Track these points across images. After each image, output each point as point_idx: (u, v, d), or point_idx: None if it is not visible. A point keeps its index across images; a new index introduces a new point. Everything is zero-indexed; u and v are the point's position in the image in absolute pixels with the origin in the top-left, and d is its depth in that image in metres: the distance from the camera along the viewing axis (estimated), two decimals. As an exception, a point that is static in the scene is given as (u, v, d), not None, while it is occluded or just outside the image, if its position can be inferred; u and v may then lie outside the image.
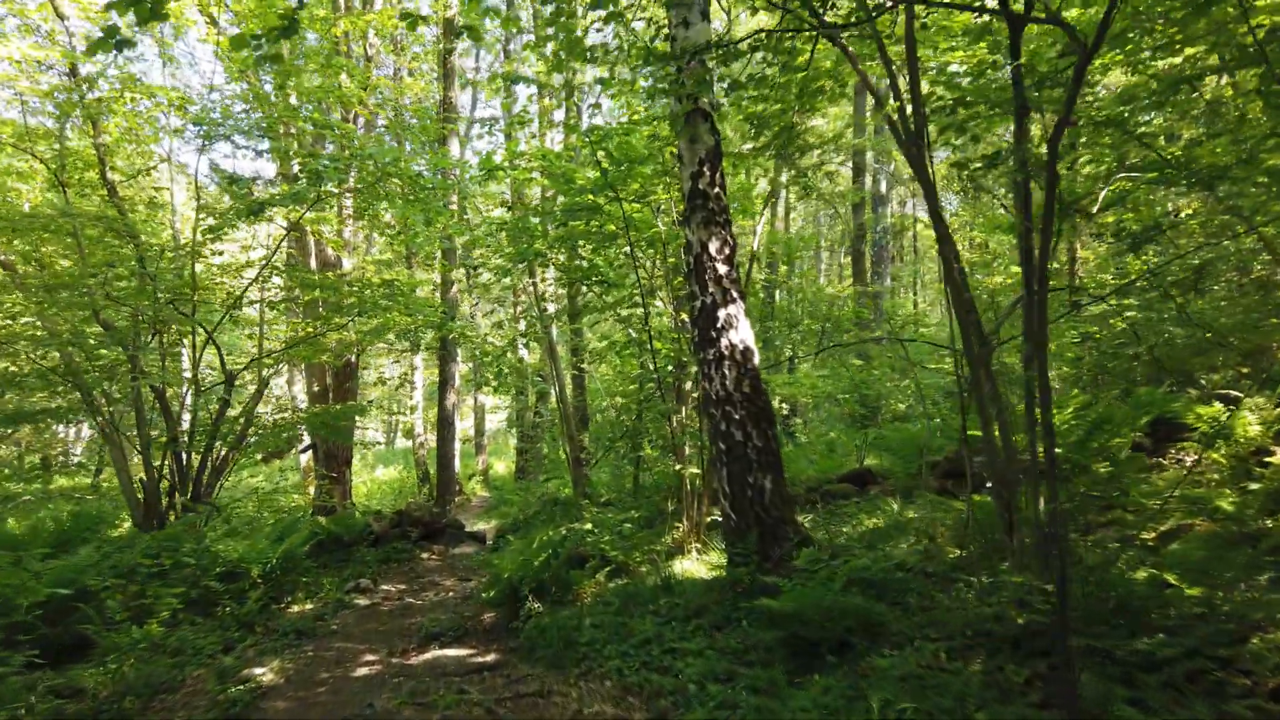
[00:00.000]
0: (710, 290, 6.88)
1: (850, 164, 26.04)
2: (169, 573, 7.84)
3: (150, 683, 6.03)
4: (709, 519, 8.06)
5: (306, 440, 20.77)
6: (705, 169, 7.05)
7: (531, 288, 11.45)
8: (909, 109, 5.35)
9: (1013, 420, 5.30)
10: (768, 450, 6.56)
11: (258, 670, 6.32)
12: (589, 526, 7.77)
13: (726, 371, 6.70)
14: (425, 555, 11.00)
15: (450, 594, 8.94)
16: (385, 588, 9.32)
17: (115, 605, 6.51)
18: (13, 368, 10.53)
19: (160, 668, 6.26)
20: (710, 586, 6.35)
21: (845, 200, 26.60)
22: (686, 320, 8.65)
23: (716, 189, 7.07)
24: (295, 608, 8.42)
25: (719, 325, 6.80)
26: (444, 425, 15.34)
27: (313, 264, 14.58)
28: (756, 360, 6.85)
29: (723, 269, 6.94)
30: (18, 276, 10.67)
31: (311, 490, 16.76)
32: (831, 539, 7.47)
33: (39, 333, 10.53)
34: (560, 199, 10.19)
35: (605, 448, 10.25)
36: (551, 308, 22.56)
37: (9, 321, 10.12)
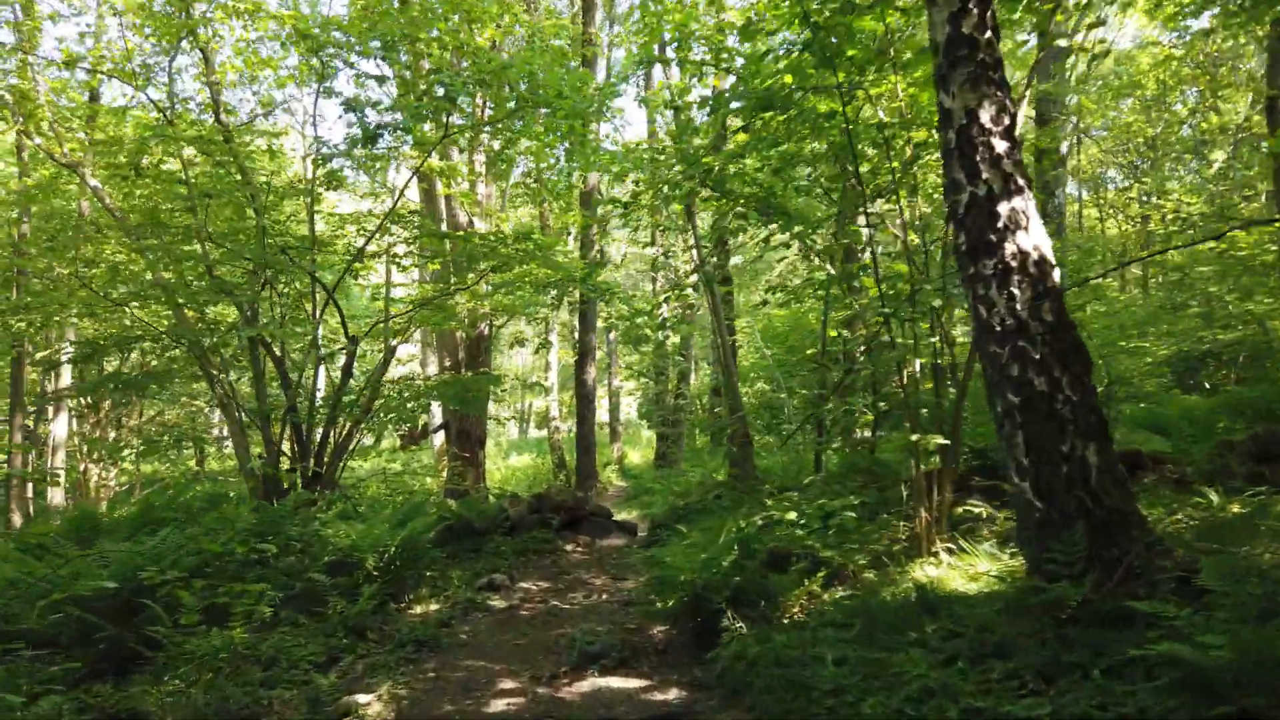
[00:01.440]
0: (984, 176, 4.71)
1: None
2: (269, 561, 6.41)
3: (224, 709, 4.49)
4: (959, 509, 5.89)
5: (439, 419, 19.78)
6: (971, 5, 4.89)
7: (690, 231, 9.52)
8: None
9: None
10: (1086, 405, 4.34)
11: (362, 698, 4.69)
12: (792, 516, 5.77)
13: (1015, 290, 4.52)
14: (568, 547, 9.30)
15: (603, 597, 7.15)
16: (524, 586, 7.64)
17: (192, 600, 5.05)
18: (123, 328, 9.55)
19: (240, 686, 4.73)
20: (1009, 608, 4.21)
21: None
22: (914, 241, 6.48)
23: (988, 33, 4.89)
24: (417, 608, 6.85)
25: (1000, 225, 4.63)
26: (583, 403, 13.70)
27: (443, 228, 13.25)
28: (1058, 276, 4.65)
29: (1001, 145, 4.75)
30: (134, 232, 9.69)
31: (444, 473, 15.59)
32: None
33: (151, 289, 9.52)
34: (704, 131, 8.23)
35: (795, 425, 8.24)
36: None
37: (115, 276, 9.09)
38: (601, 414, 30.92)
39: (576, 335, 21.84)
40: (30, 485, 16.99)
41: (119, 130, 10.76)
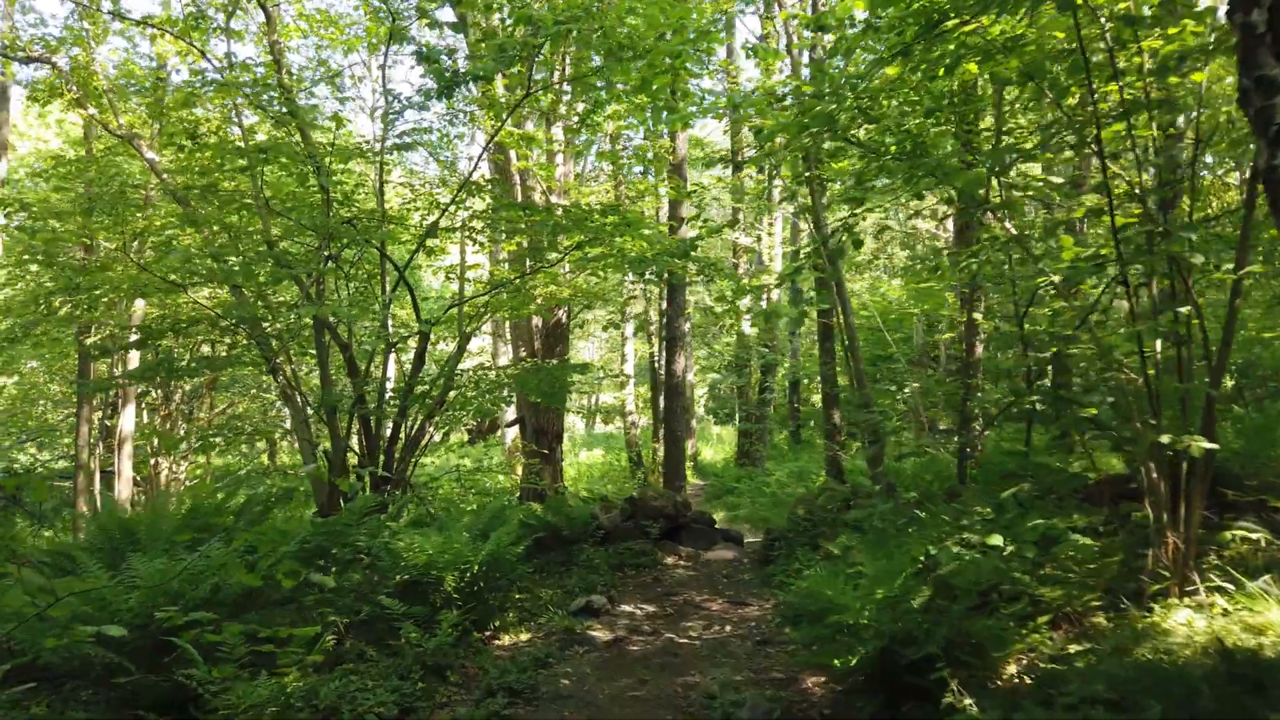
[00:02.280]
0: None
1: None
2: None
3: (269, 790, 3.41)
4: (1227, 534, 4.46)
5: (511, 414, 18.81)
6: None
7: (809, 195, 8.17)
8: None
9: None
10: None
11: (447, 779, 3.55)
12: (996, 540, 4.42)
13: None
14: (669, 560, 8.09)
15: (726, 629, 5.90)
16: (627, 610, 6.45)
17: (234, 638, 3.97)
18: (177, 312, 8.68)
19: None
20: None
21: None
22: (1147, 180, 5.02)
23: None
24: (504, 638, 5.72)
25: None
26: (672, 394, 12.46)
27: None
28: None
29: (1337, 23, 3.34)
30: (189, 206, 8.79)
31: (518, 471, 14.60)
32: None
33: (208, 262, 8.61)
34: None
35: (993, 416, 6.89)
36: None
37: (167, 250, 8.17)
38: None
39: (654, 325, 20.72)
40: (97, 479, 16.63)
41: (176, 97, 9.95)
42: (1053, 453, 7.83)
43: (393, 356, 12.08)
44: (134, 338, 11.58)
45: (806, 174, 7.72)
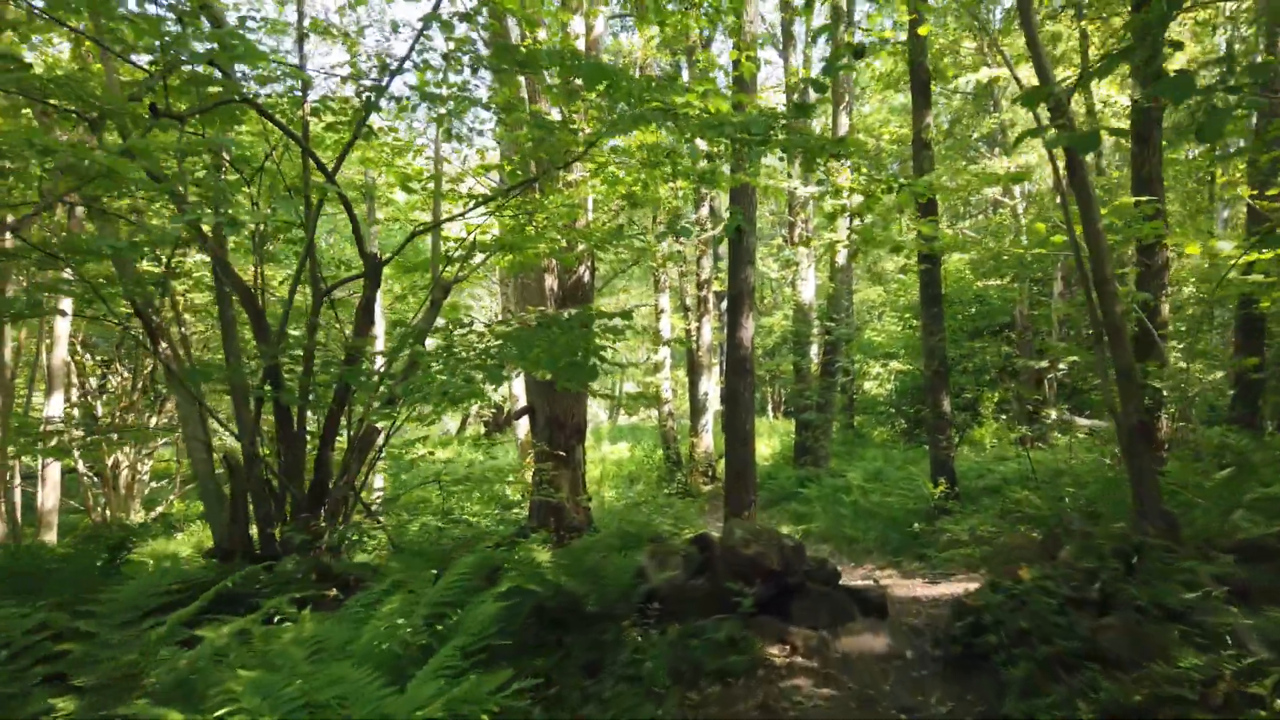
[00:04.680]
0: None
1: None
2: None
3: None
4: None
5: (521, 401, 15.41)
6: None
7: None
8: None
9: None
10: None
11: None
12: None
13: None
14: (776, 651, 4.58)
15: None
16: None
17: None
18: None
19: None
20: None
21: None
22: None
23: None
24: None
25: None
26: (737, 371, 8.93)
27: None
28: None
29: None
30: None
31: (529, 475, 11.25)
32: None
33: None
34: None
35: None
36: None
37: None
38: (710, 393, 26.06)
39: (690, 297, 17.21)
40: (17, 482, 13.47)
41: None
42: None
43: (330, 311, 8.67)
44: None
45: None
